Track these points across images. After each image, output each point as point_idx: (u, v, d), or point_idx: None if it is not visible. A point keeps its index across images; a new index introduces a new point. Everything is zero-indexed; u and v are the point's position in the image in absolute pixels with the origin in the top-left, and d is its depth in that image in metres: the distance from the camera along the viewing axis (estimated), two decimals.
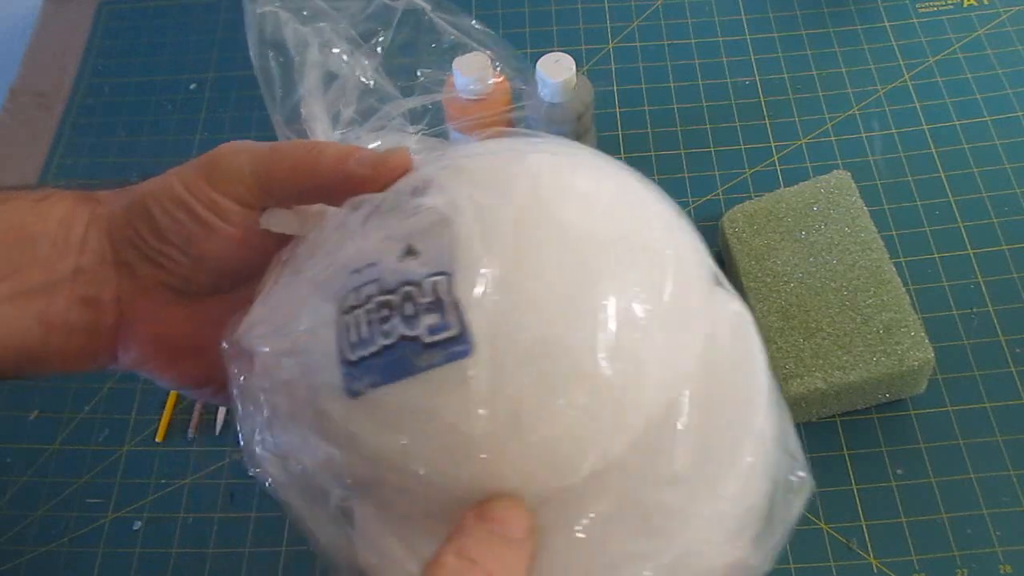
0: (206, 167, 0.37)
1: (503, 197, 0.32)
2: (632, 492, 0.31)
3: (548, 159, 0.35)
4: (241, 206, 0.37)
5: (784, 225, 0.64)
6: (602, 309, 0.31)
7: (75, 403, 0.67)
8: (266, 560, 0.59)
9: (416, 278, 0.31)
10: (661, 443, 0.32)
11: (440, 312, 0.30)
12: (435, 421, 0.30)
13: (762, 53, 0.80)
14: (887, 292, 0.60)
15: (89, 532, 0.62)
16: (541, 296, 0.31)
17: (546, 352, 0.30)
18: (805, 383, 0.57)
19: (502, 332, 0.30)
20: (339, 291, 0.33)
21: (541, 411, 0.30)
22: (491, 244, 0.31)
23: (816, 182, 0.66)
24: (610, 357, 0.30)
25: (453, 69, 0.63)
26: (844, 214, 0.64)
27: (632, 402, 0.31)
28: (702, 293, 0.35)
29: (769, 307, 0.61)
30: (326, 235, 0.36)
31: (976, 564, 0.55)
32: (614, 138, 0.76)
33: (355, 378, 0.31)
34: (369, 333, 0.31)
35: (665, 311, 0.32)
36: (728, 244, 0.65)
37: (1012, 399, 0.60)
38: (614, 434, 0.31)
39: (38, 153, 0.82)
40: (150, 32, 0.89)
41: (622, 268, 0.32)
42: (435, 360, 0.30)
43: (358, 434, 0.32)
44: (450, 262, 0.31)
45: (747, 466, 0.32)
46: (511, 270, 0.31)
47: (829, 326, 0.59)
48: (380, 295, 0.31)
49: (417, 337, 0.30)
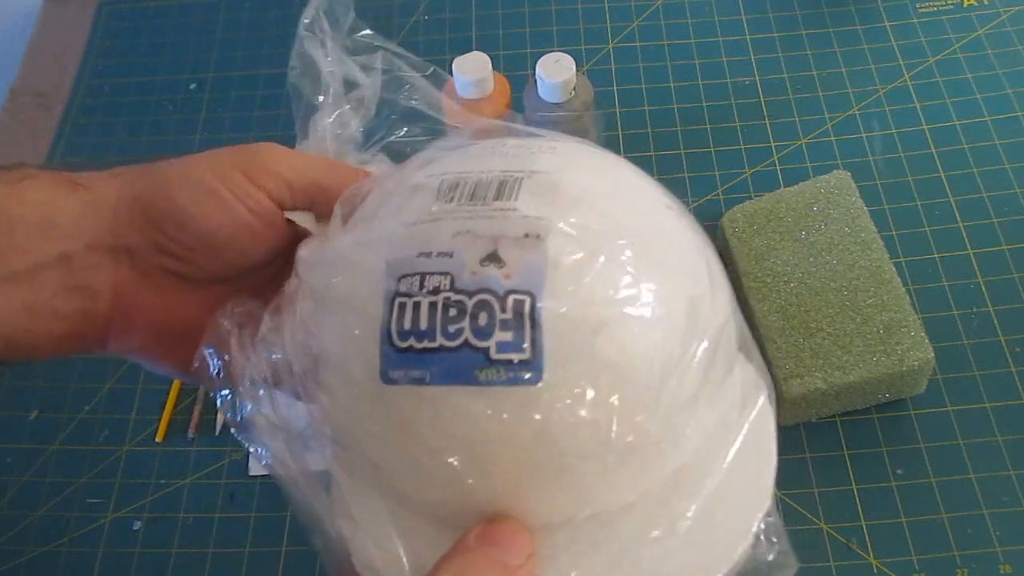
0: (244, 161, 0.38)
1: (598, 235, 0.32)
2: (633, 544, 0.32)
3: (640, 187, 0.37)
4: (275, 205, 0.38)
5: (784, 225, 0.64)
6: (661, 374, 0.32)
7: (75, 403, 0.67)
8: (266, 560, 0.59)
9: (497, 289, 0.31)
10: (671, 501, 0.33)
11: (517, 332, 0.30)
12: (477, 434, 0.31)
13: (762, 53, 0.80)
14: (887, 292, 0.60)
15: (89, 532, 0.62)
16: (613, 345, 0.31)
17: (601, 401, 0.31)
18: (805, 383, 0.57)
19: (570, 370, 0.31)
20: (401, 268, 0.32)
21: (581, 451, 0.31)
22: (577, 276, 0.31)
23: (816, 182, 0.66)
24: (656, 418, 0.31)
25: (453, 69, 0.63)
26: (844, 214, 0.64)
27: (658, 460, 0.32)
28: (732, 364, 0.36)
29: (769, 307, 0.61)
30: (391, 194, 0.36)
31: (976, 564, 0.55)
32: (614, 138, 0.76)
33: (396, 365, 0.31)
34: (429, 326, 0.31)
35: (708, 382, 0.33)
36: (728, 244, 0.65)
37: (1012, 399, 0.60)
38: (633, 485, 0.32)
39: (38, 153, 0.82)
40: (150, 32, 0.89)
41: (685, 336, 0.33)
42: (498, 378, 0.30)
43: (379, 419, 0.32)
44: (538, 284, 0.31)
45: (742, 550, 0.33)
46: (590, 309, 0.31)
47: (829, 326, 0.59)
48: (452, 292, 0.31)
49: (485, 350, 0.30)
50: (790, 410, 0.59)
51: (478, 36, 0.84)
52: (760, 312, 0.61)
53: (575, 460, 0.31)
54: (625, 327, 0.31)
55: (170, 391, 0.66)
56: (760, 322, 0.60)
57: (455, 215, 0.33)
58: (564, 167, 0.35)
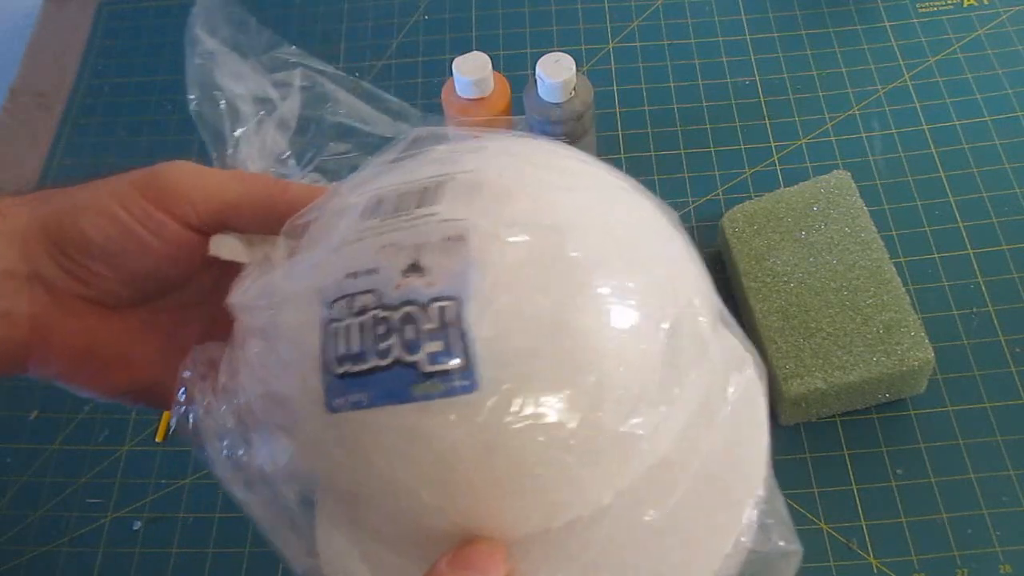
0: (145, 184, 0.36)
1: (525, 227, 0.31)
2: (613, 547, 0.30)
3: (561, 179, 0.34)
4: (183, 227, 0.37)
5: (784, 225, 0.64)
6: (615, 366, 0.29)
7: (75, 403, 0.67)
8: (266, 560, 0.59)
9: (421, 299, 0.29)
10: (650, 498, 0.31)
11: (445, 340, 0.29)
12: (424, 452, 0.29)
13: (762, 53, 0.80)
14: (887, 292, 0.60)
15: (89, 532, 0.62)
16: (555, 339, 0.29)
17: (551, 401, 0.29)
18: (805, 383, 0.57)
19: (510, 372, 0.29)
20: (331, 293, 0.31)
21: (539, 457, 0.29)
22: (508, 273, 0.29)
23: (816, 182, 0.66)
24: (616, 413, 0.29)
25: (453, 69, 0.63)
26: (844, 214, 0.64)
27: (628, 458, 0.30)
28: (704, 346, 0.33)
29: (769, 307, 0.61)
30: (328, 219, 0.34)
31: (976, 564, 0.55)
32: (614, 138, 0.76)
33: (338, 393, 0.30)
34: (361, 348, 0.29)
35: (675, 367, 0.31)
36: (728, 244, 0.65)
37: (1012, 399, 0.60)
38: (605, 486, 0.30)
39: (38, 153, 0.82)
40: (150, 32, 0.89)
41: (638, 323, 0.30)
42: (434, 391, 0.28)
43: (333, 450, 0.31)
44: (463, 288, 0.29)
45: (734, 542, 0.31)
46: (527, 305, 0.29)
47: (829, 326, 0.59)
48: (378, 309, 0.29)
49: (416, 364, 0.29)
50: (790, 410, 0.59)
51: (478, 36, 0.84)
52: (760, 312, 0.61)
53: (534, 467, 0.29)
54: (569, 320, 0.29)
55: None
56: (760, 322, 0.60)
57: (379, 230, 0.31)
58: (489, 164, 0.33)
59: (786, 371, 0.58)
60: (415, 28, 0.86)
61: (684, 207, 0.72)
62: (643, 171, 0.74)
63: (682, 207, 0.72)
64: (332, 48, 0.85)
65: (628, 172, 0.36)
